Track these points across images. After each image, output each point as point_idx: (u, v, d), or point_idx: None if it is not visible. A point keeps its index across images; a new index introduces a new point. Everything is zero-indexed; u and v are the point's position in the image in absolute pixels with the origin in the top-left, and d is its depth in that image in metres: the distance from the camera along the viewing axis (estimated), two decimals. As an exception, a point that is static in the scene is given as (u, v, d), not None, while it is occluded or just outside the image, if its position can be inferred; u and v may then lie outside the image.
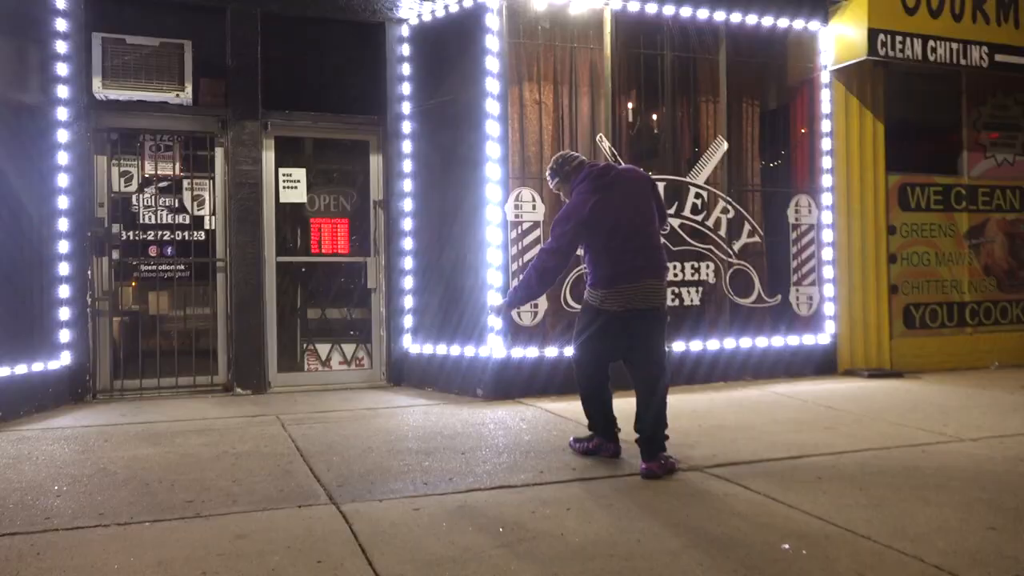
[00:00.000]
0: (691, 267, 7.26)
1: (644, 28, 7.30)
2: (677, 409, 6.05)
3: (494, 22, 6.67)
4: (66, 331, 6.33)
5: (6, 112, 5.89)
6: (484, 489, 4.05)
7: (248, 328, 6.91)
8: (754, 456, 4.67)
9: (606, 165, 4.71)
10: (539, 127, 6.97)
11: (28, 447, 4.99)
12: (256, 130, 6.95)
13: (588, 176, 4.58)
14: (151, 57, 6.65)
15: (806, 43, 7.86)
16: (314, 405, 6.41)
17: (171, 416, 5.95)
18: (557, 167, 4.74)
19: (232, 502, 3.82)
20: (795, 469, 4.41)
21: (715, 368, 7.26)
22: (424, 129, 7.19)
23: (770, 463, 4.53)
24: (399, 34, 7.29)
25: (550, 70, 7.02)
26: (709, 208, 7.37)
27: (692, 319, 7.31)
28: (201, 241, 6.98)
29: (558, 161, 4.76)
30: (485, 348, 6.61)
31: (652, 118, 7.56)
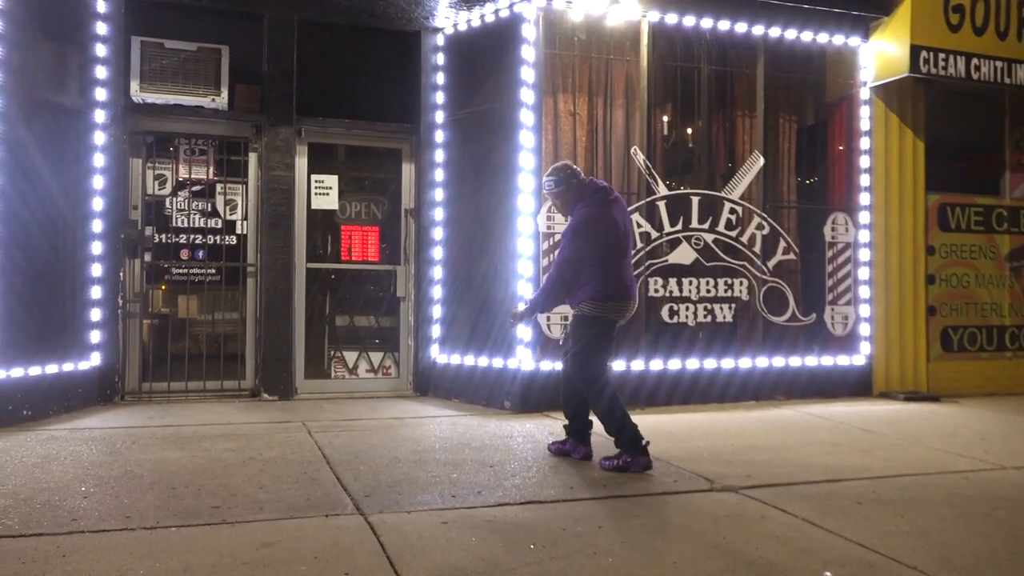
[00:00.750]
0: (724, 283, 7.15)
1: (681, 40, 7.23)
2: (708, 427, 5.99)
3: (530, 32, 6.63)
4: (97, 332, 6.34)
5: (46, 114, 5.94)
6: (513, 504, 3.97)
7: (276, 334, 6.89)
8: (790, 478, 4.54)
9: (604, 184, 4.92)
10: (573, 138, 6.92)
11: (56, 447, 4.98)
12: (290, 136, 6.96)
13: (596, 192, 4.78)
14: (188, 61, 6.68)
15: (846, 59, 7.75)
16: (340, 413, 6.37)
17: (198, 420, 5.94)
18: (566, 177, 4.82)
19: (259, 509, 3.77)
20: (833, 493, 4.28)
21: (746, 386, 7.13)
22: (457, 138, 7.16)
23: (807, 486, 4.40)
24: (434, 43, 7.28)
25: (585, 81, 6.96)
26: (744, 224, 7.26)
27: (724, 336, 7.20)
28: (232, 245, 6.99)
29: (566, 172, 4.85)
30: (514, 360, 6.54)
31: (687, 132, 7.48)
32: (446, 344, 7.11)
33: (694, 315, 7.05)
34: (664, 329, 7.00)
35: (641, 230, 6.91)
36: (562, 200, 4.86)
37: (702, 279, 7.08)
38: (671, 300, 6.98)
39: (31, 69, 5.84)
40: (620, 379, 6.70)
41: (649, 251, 6.94)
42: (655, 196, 6.99)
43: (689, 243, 7.07)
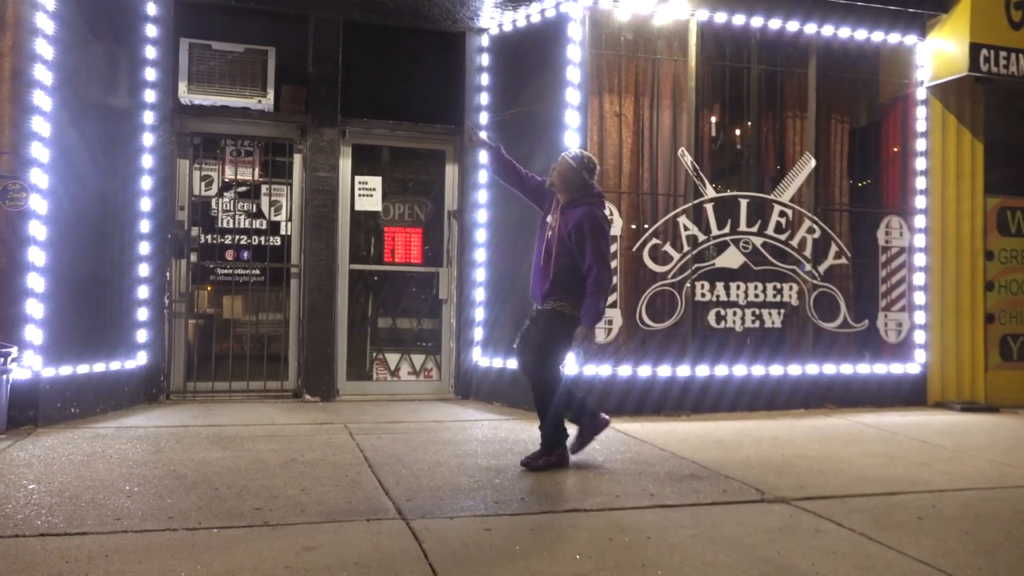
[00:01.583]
0: (773, 288, 6.97)
1: (730, 40, 7.08)
2: (757, 436, 5.83)
3: (576, 32, 6.53)
4: (143, 331, 6.39)
5: (96, 116, 6.00)
6: (557, 512, 3.87)
7: (319, 335, 6.89)
8: (845, 490, 4.38)
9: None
10: (619, 140, 6.80)
11: (103, 445, 5.02)
12: (334, 137, 6.95)
13: (599, 195, 4.84)
14: (235, 63, 6.72)
15: (901, 58, 7.52)
16: (382, 415, 6.33)
17: (241, 420, 5.95)
18: (587, 164, 4.78)
19: (300, 511, 3.73)
20: (891, 507, 4.11)
21: (796, 394, 6.94)
22: (501, 139, 7.02)
23: (863, 499, 4.23)
24: (479, 44, 7.22)
25: (631, 82, 6.85)
26: (794, 227, 7.08)
27: (773, 342, 7.03)
28: (277, 246, 7.01)
29: (591, 162, 4.82)
30: (557, 364, 6.43)
31: (736, 133, 7.32)
32: (488, 347, 7.04)
33: (741, 320, 6.89)
34: (711, 334, 6.85)
35: (688, 233, 6.77)
36: (566, 181, 4.72)
37: (750, 283, 6.91)
38: (718, 305, 6.83)
39: (82, 71, 5.91)
40: (666, 385, 6.61)
41: (696, 254, 6.80)
42: (702, 198, 6.84)
43: (737, 246, 6.91)
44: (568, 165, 4.74)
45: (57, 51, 5.61)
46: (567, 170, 4.74)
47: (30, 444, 5.00)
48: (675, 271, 6.74)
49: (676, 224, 6.79)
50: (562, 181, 4.74)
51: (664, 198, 6.86)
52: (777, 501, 4.15)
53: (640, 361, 6.60)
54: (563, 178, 4.74)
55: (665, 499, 4.13)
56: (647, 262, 6.69)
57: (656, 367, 6.61)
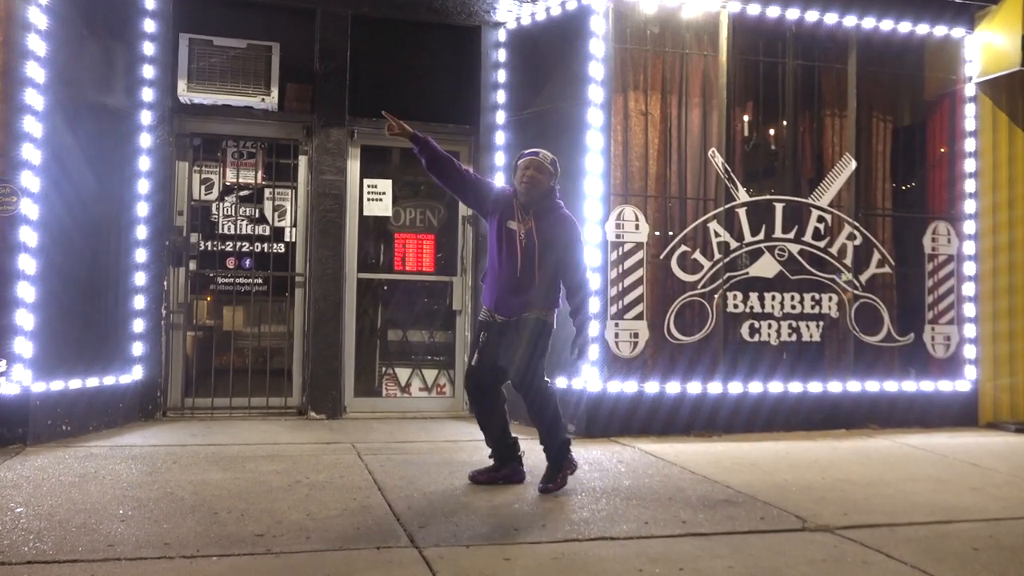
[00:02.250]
0: (811, 299, 6.89)
1: (764, 34, 7.03)
2: (796, 458, 5.74)
3: (599, 26, 6.50)
4: (139, 344, 6.38)
5: (91, 115, 6.02)
6: (582, 540, 3.80)
7: (325, 348, 6.86)
8: (893, 518, 4.28)
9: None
10: (644, 140, 6.75)
11: (95, 465, 4.99)
12: (342, 138, 6.94)
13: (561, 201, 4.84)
14: (238, 60, 6.72)
15: (948, 52, 7.44)
16: (392, 434, 6.28)
17: (242, 439, 5.92)
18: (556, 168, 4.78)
19: (305, 538, 3.68)
20: (944, 536, 4.01)
21: (836, 413, 6.84)
22: (519, 140, 7.03)
23: (913, 527, 4.14)
24: (495, 38, 7.20)
25: (658, 78, 6.80)
26: (833, 233, 7.01)
27: (811, 357, 6.95)
28: (281, 254, 6.99)
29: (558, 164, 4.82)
30: (579, 380, 6.38)
31: (770, 133, 7.26)
32: (505, 362, 6.99)
33: (777, 333, 6.81)
34: (744, 348, 6.77)
35: (719, 239, 6.70)
36: (542, 185, 4.65)
37: (786, 294, 6.83)
38: (751, 317, 6.75)
39: (76, 68, 5.93)
40: (695, 402, 6.53)
41: (727, 263, 6.73)
42: (734, 203, 6.77)
43: (772, 254, 6.83)
44: (547, 169, 4.69)
45: (50, 47, 5.63)
46: (545, 174, 4.67)
47: (18, 464, 4.98)
48: (705, 280, 6.67)
49: (706, 230, 6.73)
50: (538, 186, 4.66)
51: (693, 202, 6.80)
52: (820, 530, 4.06)
53: (668, 377, 6.53)
54: (539, 182, 4.66)
55: (698, 527, 4.05)
56: (675, 271, 6.62)
57: (685, 383, 6.53)
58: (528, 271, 4.61)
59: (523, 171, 4.67)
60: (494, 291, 4.72)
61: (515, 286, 4.63)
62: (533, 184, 4.64)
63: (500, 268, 4.68)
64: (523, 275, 4.61)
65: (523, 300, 4.64)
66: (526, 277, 4.61)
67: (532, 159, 4.69)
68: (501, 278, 4.68)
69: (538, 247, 4.61)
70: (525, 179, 4.65)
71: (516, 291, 4.64)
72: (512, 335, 4.67)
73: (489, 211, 4.76)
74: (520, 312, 4.66)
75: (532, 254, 4.61)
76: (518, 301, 4.65)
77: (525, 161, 4.70)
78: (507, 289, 4.66)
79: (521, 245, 4.62)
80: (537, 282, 4.61)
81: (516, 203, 4.68)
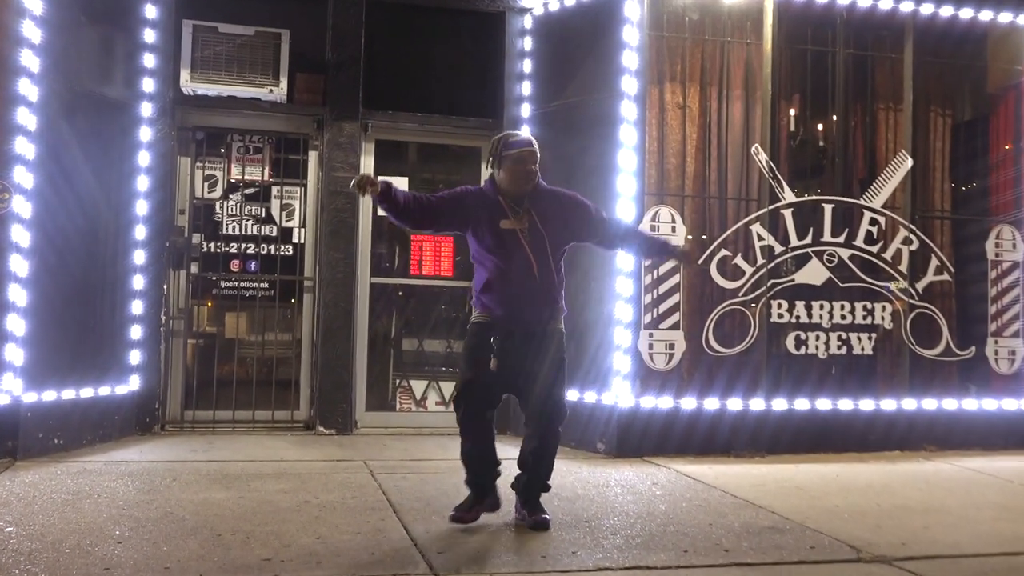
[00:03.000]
0: (863, 308, 6.81)
1: (812, 20, 6.97)
2: (847, 482, 5.67)
3: (634, 11, 6.46)
4: (137, 352, 6.40)
5: (88, 107, 6.05)
6: (616, 568, 3.75)
7: (335, 358, 6.85)
8: (956, 548, 4.20)
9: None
10: (682, 135, 6.72)
11: (90, 482, 4.99)
12: (355, 132, 6.94)
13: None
14: (244, 48, 6.73)
15: (1013, 41, 7.38)
16: (407, 451, 6.26)
17: (246, 455, 5.92)
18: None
19: (316, 564, 3.65)
20: (1013, 570, 3.93)
21: (890, 433, 6.74)
22: (546, 135, 6.96)
23: (979, 559, 4.05)
24: (521, 26, 7.18)
25: (697, 68, 6.77)
26: (887, 238, 6.93)
27: (862, 371, 6.87)
28: (288, 256, 7.00)
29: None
30: (609, 395, 6.33)
31: (818, 128, 7.22)
32: (529, 374, 6.96)
33: (825, 345, 6.73)
34: (789, 362, 6.72)
35: (762, 243, 6.64)
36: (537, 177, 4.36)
37: (836, 303, 6.76)
38: (798, 327, 6.68)
39: (74, 56, 5.97)
40: (736, 420, 6.47)
41: (772, 268, 6.67)
42: (779, 203, 6.71)
43: (820, 259, 6.77)
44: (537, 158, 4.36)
45: (46, 34, 5.66)
46: (536, 163, 4.35)
47: (8, 480, 4.99)
48: (747, 288, 6.61)
49: (748, 233, 6.67)
50: (536, 178, 4.36)
51: (735, 203, 6.74)
52: (876, 561, 3.99)
53: (706, 392, 6.47)
54: (536, 174, 4.37)
55: (742, 556, 3.98)
56: (715, 277, 6.57)
57: (725, 399, 6.47)
58: (546, 270, 4.31)
59: (522, 165, 4.30)
60: (505, 301, 4.32)
61: (535, 290, 4.30)
62: (532, 178, 4.34)
63: (509, 274, 4.30)
64: (542, 276, 4.30)
65: (549, 307, 4.36)
66: (546, 278, 4.31)
67: (530, 152, 4.34)
68: (514, 285, 4.29)
69: (547, 239, 4.31)
70: (524, 173, 4.31)
71: (537, 296, 4.32)
72: (537, 349, 4.34)
73: (472, 221, 4.36)
74: (547, 322, 4.37)
75: (544, 249, 4.31)
76: (542, 309, 4.35)
77: (522, 153, 4.32)
78: (525, 296, 4.31)
79: (528, 243, 4.28)
80: (556, 281, 4.36)
81: (503, 199, 4.32)
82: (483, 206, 4.35)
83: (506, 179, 4.33)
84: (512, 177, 4.31)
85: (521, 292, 4.30)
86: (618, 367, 6.30)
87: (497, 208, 4.32)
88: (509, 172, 4.31)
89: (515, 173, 4.31)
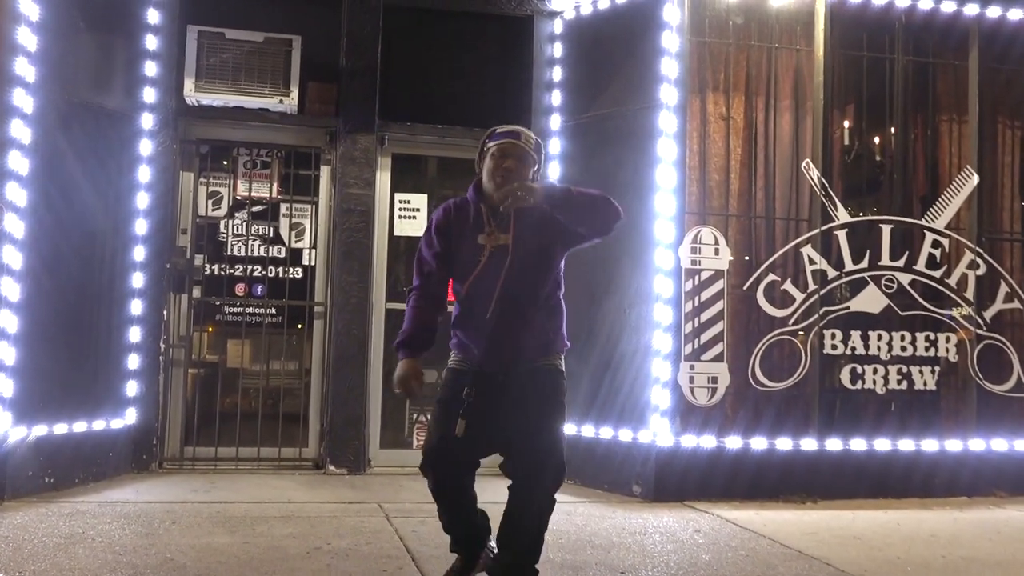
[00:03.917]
0: (925, 339, 6.76)
1: (868, 24, 6.97)
2: (909, 531, 5.62)
3: (673, 15, 6.49)
4: (134, 383, 6.45)
5: (87, 118, 6.14)
6: (657, 626, 3.73)
7: (348, 390, 6.87)
8: (1034, 608, 4.15)
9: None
10: (725, 150, 6.72)
11: (83, 524, 5.02)
12: (370, 145, 6.99)
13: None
14: (253, 55, 6.81)
15: (1090, 46, 7.32)
16: (425, 493, 6.12)
17: (251, 496, 5.94)
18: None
19: (328, 618, 3.65)
20: (1098, 632, 3.87)
21: (957, 477, 6.67)
22: (576, 149, 7.06)
23: (1060, 620, 4.00)
24: (550, 31, 7.23)
25: (742, 77, 6.78)
26: (951, 261, 6.90)
27: (925, 408, 6.82)
28: (298, 279, 7.05)
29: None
30: (646, 432, 6.30)
31: (875, 141, 7.20)
32: (558, 409, 6.94)
33: (884, 379, 6.68)
34: (844, 397, 6.68)
35: (814, 267, 6.62)
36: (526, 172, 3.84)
37: (895, 333, 6.72)
38: (854, 360, 6.65)
39: (71, 64, 6.06)
40: (786, 461, 6.42)
41: (824, 295, 6.64)
42: (832, 224, 6.70)
43: (878, 285, 6.73)
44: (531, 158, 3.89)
45: (42, 41, 5.75)
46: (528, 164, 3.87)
47: (-4, 521, 5.04)
48: (798, 316, 6.59)
49: (799, 256, 6.65)
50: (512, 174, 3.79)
51: (783, 223, 6.73)
52: (945, 620, 3.95)
53: (753, 430, 6.42)
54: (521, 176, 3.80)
55: (796, 614, 3.95)
56: (762, 304, 6.55)
57: (773, 438, 6.43)
58: (531, 293, 3.81)
59: (498, 161, 3.81)
60: (482, 336, 3.79)
61: (518, 321, 3.78)
62: (510, 178, 3.76)
63: (486, 301, 3.77)
64: (527, 302, 3.79)
65: (536, 340, 3.83)
66: (531, 304, 3.80)
67: (511, 145, 3.84)
68: (493, 315, 3.75)
69: (535, 256, 3.79)
70: (501, 172, 3.79)
71: (521, 328, 3.79)
72: (522, 394, 3.78)
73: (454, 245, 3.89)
74: (535, 359, 3.83)
75: (531, 268, 3.79)
76: (527, 343, 3.81)
77: (503, 147, 3.84)
78: (507, 329, 3.77)
79: (511, 261, 3.76)
80: (548, 308, 3.86)
81: (484, 208, 3.85)
82: (464, 220, 3.89)
83: (486, 180, 3.86)
84: (490, 176, 3.83)
85: (501, 324, 3.77)
86: (656, 402, 6.28)
87: (477, 219, 3.86)
88: (488, 171, 3.85)
89: (492, 172, 3.82)
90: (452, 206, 3.98)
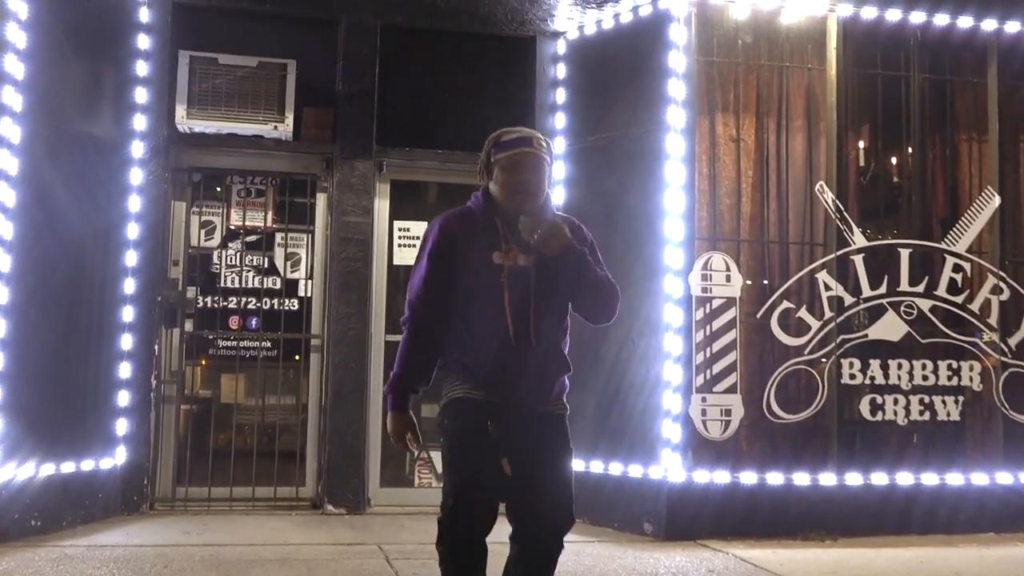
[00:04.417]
0: (947, 367, 6.77)
1: (882, 42, 7.03)
2: (933, 570, 5.63)
3: (680, 35, 6.56)
4: (124, 421, 6.48)
5: (75, 147, 6.21)
6: (668, 672, 3.72)
7: (346, 427, 6.89)
8: (1064, 650, 4.14)
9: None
10: (736, 172, 6.78)
11: (71, 570, 5.03)
12: (368, 172, 7.06)
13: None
14: (247, 80, 6.88)
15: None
16: (427, 533, 6.13)
17: (245, 538, 5.94)
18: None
19: (326, 666, 3.66)
20: None
21: (983, 512, 6.65)
22: (581, 173, 7.11)
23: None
24: (553, 51, 7.31)
25: (752, 97, 6.85)
26: (973, 286, 6.91)
27: (948, 440, 6.82)
28: (294, 311, 7.09)
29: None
30: (657, 468, 6.31)
31: (891, 162, 7.27)
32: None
33: (905, 410, 6.69)
34: (864, 429, 6.68)
35: (830, 293, 6.65)
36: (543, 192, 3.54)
37: (916, 361, 6.73)
38: (873, 390, 6.66)
39: (59, 92, 6.14)
40: (803, 497, 6.42)
41: (841, 322, 6.66)
42: (849, 248, 6.73)
43: (897, 312, 6.75)
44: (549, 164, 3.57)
45: (30, 69, 5.82)
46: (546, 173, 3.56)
47: (-19, 567, 5.05)
48: (814, 344, 6.61)
49: (814, 282, 6.68)
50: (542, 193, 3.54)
51: (797, 248, 6.78)
52: (970, 664, 3.94)
53: (768, 464, 6.43)
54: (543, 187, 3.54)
55: (814, 658, 3.94)
56: (776, 333, 6.57)
57: (790, 473, 6.43)
58: (555, 323, 3.53)
59: (517, 174, 3.47)
60: (500, 369, 3.42)
61: (541, 355, 3.48)
62: (532, 191, 3.48)
63: (502, 329, 3.42)
64: (551, 333, 3.51)
65: (559, 378, 3.55)
66: (555, 335, 3.53)
67: (524, 154, 3.48)
68: (513, 346, 3.42)
69: (558, 281, 3.49)
70: (520, 186, 3.46)
71: (543, 363, 3.50)
72: (540, 440, 3.47)
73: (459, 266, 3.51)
74: (555, 401, 3.54)
75: (553, 295, 3.49)
76: (551, 381, 3.52)
77: (516, 157, 3.47)
78: (528, 362, 3.45)
79: (533, 284, 3.45)
80: (566, 341, 3.59)
81: (498, 222, 3.49)
82: (471, 236, 3.51)
83: (500, 193, 3.52)
84: (504, 191, 3.49)
85: (522, 357, 3.44)
86: (667, 436, 6.29)
87: (490, 233, 3.49)
88: (501, 185, 3.50)
89: (508, 186, 3.48)
90: (452, 222, 3.56)
